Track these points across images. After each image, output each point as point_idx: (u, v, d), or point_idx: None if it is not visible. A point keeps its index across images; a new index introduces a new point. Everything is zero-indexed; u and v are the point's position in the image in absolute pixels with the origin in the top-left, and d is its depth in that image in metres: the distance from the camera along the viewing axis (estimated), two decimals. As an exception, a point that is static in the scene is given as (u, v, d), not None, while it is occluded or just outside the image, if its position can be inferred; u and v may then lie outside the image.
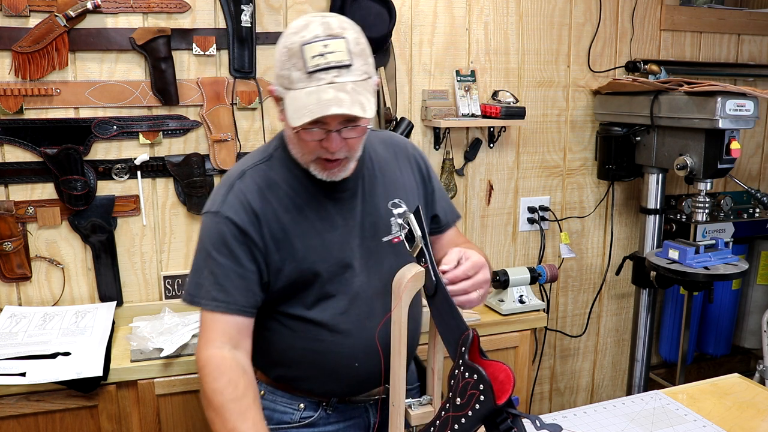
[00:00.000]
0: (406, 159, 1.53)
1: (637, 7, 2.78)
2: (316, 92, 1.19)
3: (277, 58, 1.27)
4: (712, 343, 3.08)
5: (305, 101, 1.19)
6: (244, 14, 2.16)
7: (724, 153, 2.29)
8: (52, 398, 1.79)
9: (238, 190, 1.34)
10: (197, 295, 1.32)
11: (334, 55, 1.20)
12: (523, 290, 2.41)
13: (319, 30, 1.21)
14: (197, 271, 1.34)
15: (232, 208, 1.32)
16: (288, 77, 1.22)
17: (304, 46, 1.20)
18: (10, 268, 2.08)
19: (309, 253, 1.34)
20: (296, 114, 1.20)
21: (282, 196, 1.35)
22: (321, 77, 1.19)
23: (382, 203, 1.41)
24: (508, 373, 0.99)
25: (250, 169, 1.37)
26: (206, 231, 1.35)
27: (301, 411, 1.43)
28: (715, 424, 1.50)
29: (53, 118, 2.05)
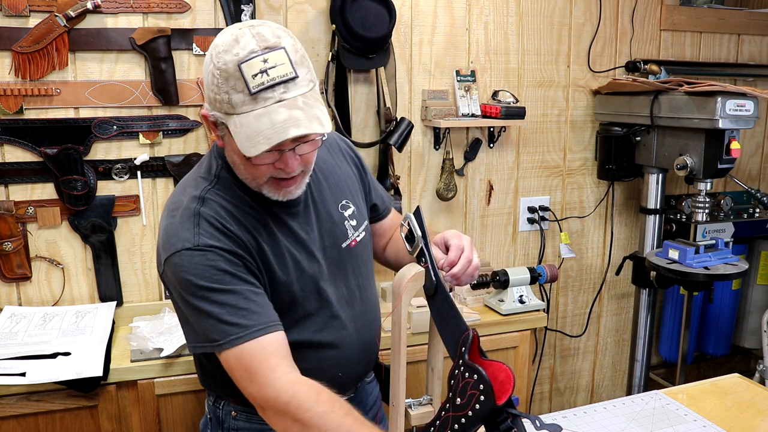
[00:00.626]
0: (341, 154, 1.48)
1: (637, 7, 2.78)
2: (266, 114, 1.09)
3: (208, 80, 1.13)
4: (712, 343, 3.08)
5: (256, 127, 1.08)
6: (244, 14, 2.16)
7: (724, 153, 2.29)
8: (52, 398, 1.79)
9: (208, 216, 1.20)
10: (224, 339, 1.14)
11: (277, 69, 1.09)
12: (523, 290, 2.41)
13: (252, 44, 1.09)
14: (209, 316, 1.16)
15: (212, 236, 1.19)
16: (228, 101, 1.10)
17: (242, 65, 1.08)
18: (10, 268, 2.08)
19: (285, 274, 1.27)
20: (249, 142, 1.09)
21: (247, 217, 1.24)
22: (267, 96, 1.09)
23: (333, 209, 1.37)
24: (508, 373, 0.99)
25: (205, 194, 1.24)
26: (191, 270, 1.16)
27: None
28: (715, 424, 1.50)
29: (53, 118, 2.05)
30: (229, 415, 1.39)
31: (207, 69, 1.14)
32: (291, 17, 2.26)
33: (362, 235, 1.43)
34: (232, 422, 1.38)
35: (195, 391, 1.95)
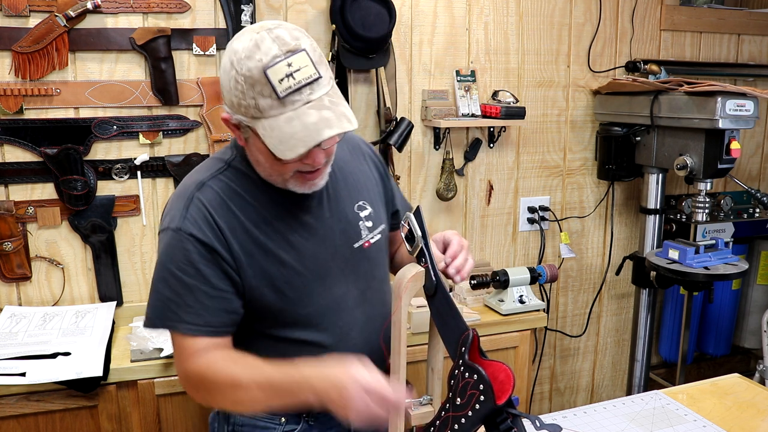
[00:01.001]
0: (362, 155, 1.49)
1: (637, 7, 2.78)
2: (297, 117, 1.11)
3: (230, 86, 1.14)
4: (712, 343, 3.08)
5: (288, 130, 1.11)
6: (244, 14, 2.16)
7: (724, 153, 2.29)
8: (52, 398, 1.79)
9: (198, 202, 1.24)
10: (166, 318, 1.22)
11: (301, 72, 1.11)
12: (523, 290, 2.41)
13: (275, 48, 1.11)
14: (159, 295, 1.23)
15: (195, 223, 1.22)
16: (255, 107, 1.12)
17: (267, 71, 1.10)
18: (10, 268, 2.08)
19: (284, 268, 1.27)
20: (284, 145, 1.12)
21: (248, 209, 1.26)
22: (295, 99, 1.11)
23: (348, 208, 1.38)
24: (508, 373, 0.99)
25: (209, 180, 1.27)
26: (167, 250, 1.23)
27: (282, 425, 1.37)
28: (715, 424, 1.50)
29: (53, 118, 2.05)
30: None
31: (228, 75, 1.15)
32: (291, 17, 2.26)
33: (377, 238, 1.41)
34: (237, 418, 1.40)
35: (195, 391, 1.95)
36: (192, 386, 1.25)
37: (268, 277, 1.26)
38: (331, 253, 1.33)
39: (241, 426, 1.39)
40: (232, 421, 1.40)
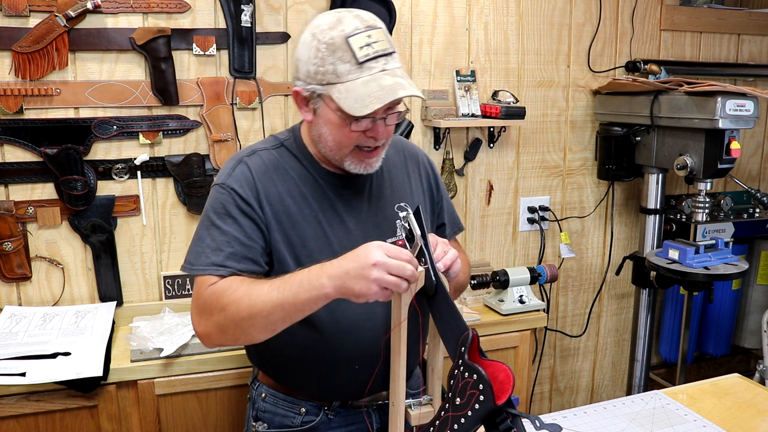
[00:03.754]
0: (416, 165, 1.54)
1: (637, 7, 2.78)
2: (374, 80, 1.21)
3: (310, 55, 1.25)
4: (712, 343, 3.08)
5: (365, 91, 1.20)
6: (244, 14, 2.16)
7: (724, 153, 2.29)
8: (52, 398, 1.79)
9: (244, 165, 1.35)
10: (196, 262, 1.29)
11: (379, 44, 1.23)
12: (523, 290, 2.41)
13: (356, 22, 1.23)
14: (198, 241, 1.32)
15: (237, 180, 1.32)
16: (333, 72, 1.22)
17: (349, 38, 1.21)
18: (10, 268, 2.08)
19: (310, 242, 1.33)
20: (360, 103, 1.20)
21: (288, 182, 1.35)
22: (372, 66, 1.22)
23: (388, 205, 1.41)
24: (508, 373, 0.99)
25: (260, 151, 1.38)
26: (210, 201, 1.34)
27: (302, 415, 1.42)
28: (715, 424, 1.50)
29: (53, 118, 2.05)
30: (260, 396, 1.47)
31: (308, 46, 1.25)
32: (291, 17, 2.26)
33: None
34: (261, 404, 1.46)
35: (195, 391, 1.95)
36: (206, 310, 1.25)
37: (291, 247, 1.33)
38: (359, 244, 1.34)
39: (264, 412, 1.45)
40: (256, 407, 1.46)
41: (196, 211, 2.22)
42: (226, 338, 1.25)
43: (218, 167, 2.21)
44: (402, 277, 1.10)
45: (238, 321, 1.20)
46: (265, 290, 1.18)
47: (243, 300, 1.19)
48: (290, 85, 2.28)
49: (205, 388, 1.96)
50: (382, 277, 1.08)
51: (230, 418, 2.01)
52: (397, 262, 1.09)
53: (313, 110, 1.30)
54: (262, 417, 1.45)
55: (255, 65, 2.22)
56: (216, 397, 1.98)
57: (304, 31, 1.29)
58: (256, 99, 2.24)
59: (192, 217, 2.25)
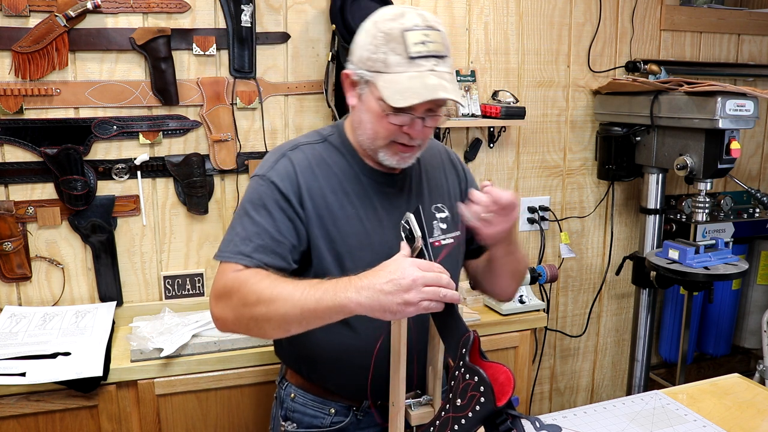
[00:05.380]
0: (452, 167, 1.56)
1: (637, 7, 2.78)
2: (419, 77, 1.22)
3: (367, 41, 1.27)
4: (712, 343, 3.08)
5: (408, 84, 1.21)
6: (244, 14, 2.16)
7: (724, 153, 2.29)
8: (52, 398, 1.79)
9: (287, 160, 1.34)
10: (224, 249, 1.28)
11: (434, 45, 1.23)
12: (523, 290, 2.41)
13: (418, 19, 1.24)
14: (230, 230, 1.31)
15: (279, 174, 1.32)
16: (383, 61, 1.24)
17: (406, 33, 1.22)
18: (10, 268, 2.08)
19: (350, 239, 1.32)
20: (401, 95, 1.21)
21: (331, 177, 1.35)
22: (422, 64, 1.22)
23: (427, 205, 1.43)
24: (509, 375, 1.00)
25: (303, 145, 1.38)
26: (248, 192, 1.34)
27: (331, 416, 1.42)
28: (715, 424, 1.50)
29: (53, 118, 2.05)
30: (288, 396, 1.47)
31: (367, 32, 1.28)
32: (291, 17, 2.26)
33: (448, 242, 1.45)
34: (290, 403, 1.46)
35: (195, 391, 1.95)
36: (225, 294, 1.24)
37: (331, 243, 1.32)
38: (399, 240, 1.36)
39: (293, 412, 1.45)
40: (285, 407, 1.47)
41: (196, 211, 2.22)
42: (239, 326, 1.23)
43: (218, 167, 2.22)
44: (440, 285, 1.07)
45: (255, 313, 1.17)
46: (288, 289, 1.15)
47: (264, 293, 1.17)
48: (290, 85, 2.29)
49: (205, 388, 1.96)
50: (420, 292, 1.05)
51: (230, 418, 2.01)
52: (433, 274, 1.07)
53: (359, 95, 1.31)
54: (291, 417, 1.45)
55: (255, 65, 2.22)
56: (216, 397, 1.98)
57: (368, 19, 1.31)
58: (256, 99, 2.24)
59: (192, 217, 2.25)
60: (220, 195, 2.28)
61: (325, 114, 2.35)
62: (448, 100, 1.25)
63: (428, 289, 1.06)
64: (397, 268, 1.07)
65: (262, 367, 2.00)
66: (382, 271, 1.09)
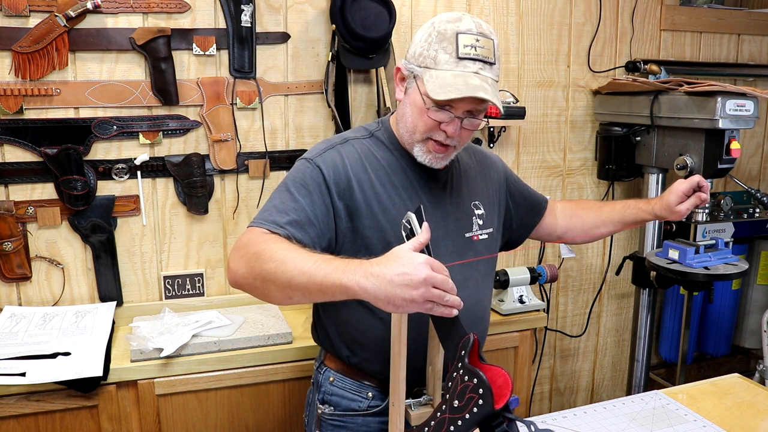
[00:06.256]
0: (495, 171, 1.65)
1: (637, 7, 2.78)
2: (463, 76, 1.28)
3: (422, 38, 1.33)
4: (712, 343, 3.08)
5: (452, 81, 1.28)
6: (244, 14, 2.16)
7: (724, 153, 2.29)
8: (52, 398, 1.79)
9: (336, 152, 1.39)
10: (258, 218, 1.31)
11: (484, 50, 1.31)
12: (523, 290, 2.41)
13: (472, 25, 1.31)
14: (269, 202, 1.35)
15: (326, 162, 1.36)
16: (433, 57, 1.30)
17: (459, 35, 1.29)
18: (10, 268, 2.08)
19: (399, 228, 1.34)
20: (442, 89, 1.27)
21: (379, 170, 1.40)
22: (468, 65, 1.29)
23: (466, 202, 1.51)
24: (507, 379, 1.00)
25: (352, 140, 1.43)
26: (292, 171, 1.38)
27: (369, 399, 1.46)
28: (715, 424, 1.50)
29: (53, 118, 2.05)
30: (327, 380, 1.51)
31: (425, 30, 1.35)
32: (291, 17, 2.26)
33: (486, 237, 1.54)
34: (328, 387, 1.50)
35: (195, 391, 1.95)
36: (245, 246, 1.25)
37: (381, 231, 1.37)
38: (443, 234, 1.44)
39: (331, 395, 1.49)
40: (323, 390, 1.51)
41: (196, 211, 2.22)
42: (247, 281, 1.23)
43: (218, 167, 2.22)
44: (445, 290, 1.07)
45: (264, 269, 1.18)
46: (302, 257, 1.16)
47: (278, 253, 1.18)
48: (290, 85, 2.29)
49: (205, 388, 1.96)
50: (428, 291, 1.05)
51: (230, 418, 2.01)
52: (443, 277, 1.07)
53: (406, 89, 1.38)
54: (329, 400, 1.49)
55: (255, 65, 2.22)
56: (216, 397, 1.98)
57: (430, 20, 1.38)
58: (256, 99, 2.24)
59: (192, 217, 2.25)
60: (220, 195, 2.28)
61: (325, 114, 2.35)
62: (487, 102, 1.31)
63: (435, 292, 1.05)
64: (410, 263, 1.05)
65: (262, 367, 2.00)
66: (395, 262, 1.07)
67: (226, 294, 2.34)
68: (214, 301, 2.31)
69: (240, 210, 2.31)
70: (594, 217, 1.78)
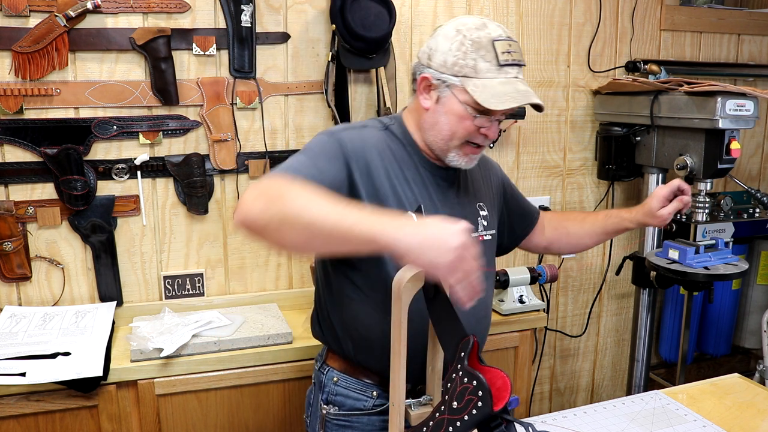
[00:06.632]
0: (494, 173, 1.68)
1: (637, 7, 2.78)
2: (509, 83, 1.33)
3: (452, 48, 1.34)
4: (712, 343, 3.08)
5: (502, 89, 1.31)
6: (244, 14, 2.16)
7: (724, 153, 2.29)
8: (52, 398, 1.79)
9: (359, 134, 1.40)
10: (279, 167, 1.28)
11: (517, 54, 1.35)
12: (523, 290, 2.41)
13: (500, 30, 1.35)
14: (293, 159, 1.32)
15: (348, 138, 1.37)
16: (473, 66, 1.32)
17: (495, 42, 1.32)
18: (10, 268, 2.08)
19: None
20: (496, 98, 1.30)
21: (392, 163, 1.41)
22: (509, 71, 1.33)
23: (472, 202, 1.54)
24: (506, 381, 1.00)
25: (370, 128, 1.44)
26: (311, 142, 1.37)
27: (373, 399, 1.46)
28: (715, 424, 1.50)
29: (53, 118, 2.05)
30: (331, 380, 1.50)
31: (451, 39, 1.35)
32: (291, 17, 2.26)
33: (489, 238, 1.57)
34: (332, 387, 1.49)
35: (195, 391, 1.95)
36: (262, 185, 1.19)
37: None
38: None
39: (335, 395, 1.49)
40: (326, 390, 1.50)
41: (196, 211, 2.22)
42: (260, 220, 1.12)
43: (218, 167, 2.22)
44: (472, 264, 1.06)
45: (286, 208, 1.10)
46: (330, 200, 1.11)
47: (305, 194, 1.12)
48: (290, 85, 2.29)
49: (205, 388, 1.96)
50: (461, 259, 1.03)
51: (230, 418, 2.01)
52: (476, 250, 1.07)
53: (437, 98, 1.38)
54: (333, 400, 1.49)
55: (255, 65, 2.22)
56: (216, 397, 1.98)
57: (443, 26, 1.39)
58: (256, 99, 2.24)
59: (192, 217, 2.25)
60: (220, 195, 2.28)
61: (325, 114, 2.35)
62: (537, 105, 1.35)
63: (467, 263, 1.04)
64: (450, 226, 1.04)
65: (262, 367, 2.00)
66: (433, 222, 1.05)
67: (226, 294, 2.34)
68: (214, 301, 2.31)
69: (240, 210, 2.30)
70: (578, 228, 1.79)
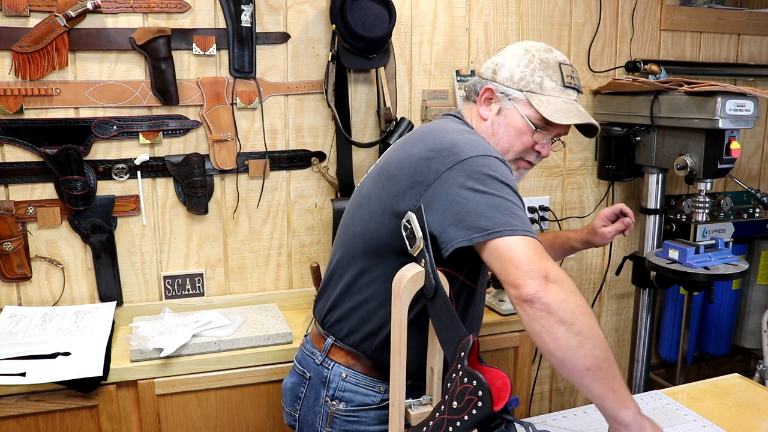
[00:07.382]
0: None
1: (637, 7, 2.78)
2: (572, 104, 1.45)
3: (522, 64, 1.46)
4: (712, 343, 3.08)
5: (566, 108, 1.43)
6: (244, 14, 2.16)
7: (724, 153, 2.29)
8: (52, 398, 1.79)
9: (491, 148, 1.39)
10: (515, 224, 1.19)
11: (577, 80, 1.49)
12: (523, 290, 2.40)
13: (564, 57, 1.49)
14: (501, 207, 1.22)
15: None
16: (539, 84, 1.44)
17: (562, 65, 1.46)
18: (10, 268, 2.08)
19: None
20: (560, 114, 1.41)
21: None
22: (571, 94, 1.46)
23: None
24: (506, 381, 1.00)
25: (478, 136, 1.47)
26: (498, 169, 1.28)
27: (382, 393, 1.46)
28: (715, 424, 1.50)
29: (53, 118, 2.05)
30: (338, 376, 1.48)
31: (520, 56, 1.47)
32: (291, 17, 2.26)
33: None
34: (341, 383, 1.48)
35: (195, 391, 1.95)
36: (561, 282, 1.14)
37: None
38: None
39: (343, 391, 1.47)
40: (333, 387, 1.48)
41: (196, 211, 2.22)
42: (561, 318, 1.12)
43: (218, 167, 2.22)
44: None
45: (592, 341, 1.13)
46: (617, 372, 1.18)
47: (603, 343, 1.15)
48: (290, 85, 2.29)
49: (205, 388, 1.96)
50: None
51: (230, 418, 2.01)
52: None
53: (499, 110, 1.47)
54: (341, 396, 1.47)
55: (255, 65, 2.22)
56: (216, 397, 1.98)
57: (510, 45, 1.54)
58: (256, 99, 2.24)
59: (192, 217, 2.25)
60: (220, 195, 2.28)
61: (326, 114, 2.35)
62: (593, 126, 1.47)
63: None
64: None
65: (262, 367, 2.00)
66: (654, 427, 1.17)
67: (226, 294, 2.34)
68: (214, 301, 2.31)
69: (240, 210, 2.31)
70: None
